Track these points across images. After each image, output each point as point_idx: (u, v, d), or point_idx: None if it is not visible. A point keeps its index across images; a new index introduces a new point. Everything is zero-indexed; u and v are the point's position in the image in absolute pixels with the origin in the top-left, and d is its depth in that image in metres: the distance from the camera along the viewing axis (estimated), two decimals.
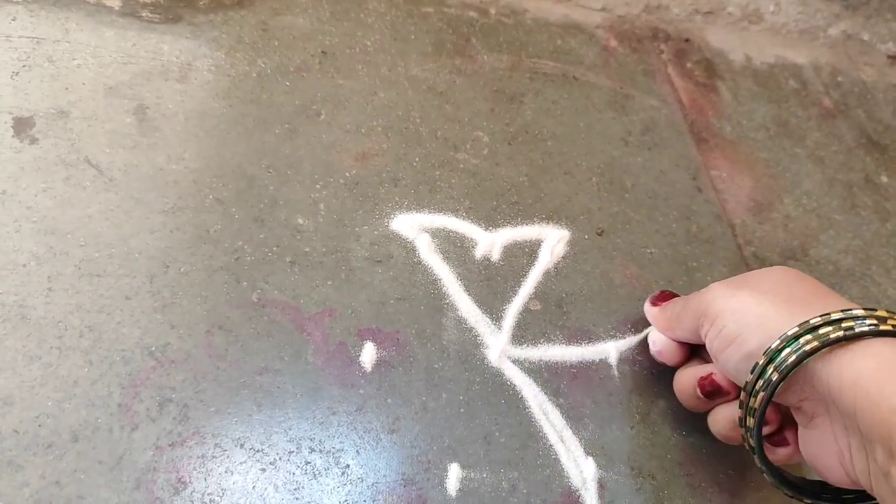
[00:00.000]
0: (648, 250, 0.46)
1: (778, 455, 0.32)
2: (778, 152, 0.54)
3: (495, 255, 0.43)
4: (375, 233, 0.41)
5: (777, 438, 0.31)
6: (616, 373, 0.41)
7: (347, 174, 0.43)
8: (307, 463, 0.35)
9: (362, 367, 0.38)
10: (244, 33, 0.45)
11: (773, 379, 0.25)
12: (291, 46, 0.46)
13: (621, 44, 0.54)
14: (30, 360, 0.34)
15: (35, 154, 0.38)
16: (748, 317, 0.28)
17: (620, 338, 0.43)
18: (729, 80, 0.56)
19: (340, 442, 0.36)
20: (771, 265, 0.48)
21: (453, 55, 0.49)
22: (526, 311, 0.42)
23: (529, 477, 0.37)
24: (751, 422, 0.28)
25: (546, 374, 0.40)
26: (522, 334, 0.41)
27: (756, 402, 0.27)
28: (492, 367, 0.39)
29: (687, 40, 0.57)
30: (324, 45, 0.47)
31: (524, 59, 0.51)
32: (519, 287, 0.42)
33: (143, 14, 0.44)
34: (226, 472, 0.34)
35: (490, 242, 0.43)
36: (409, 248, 0.42)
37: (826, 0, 0.60)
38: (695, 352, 0.38)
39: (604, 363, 0.41)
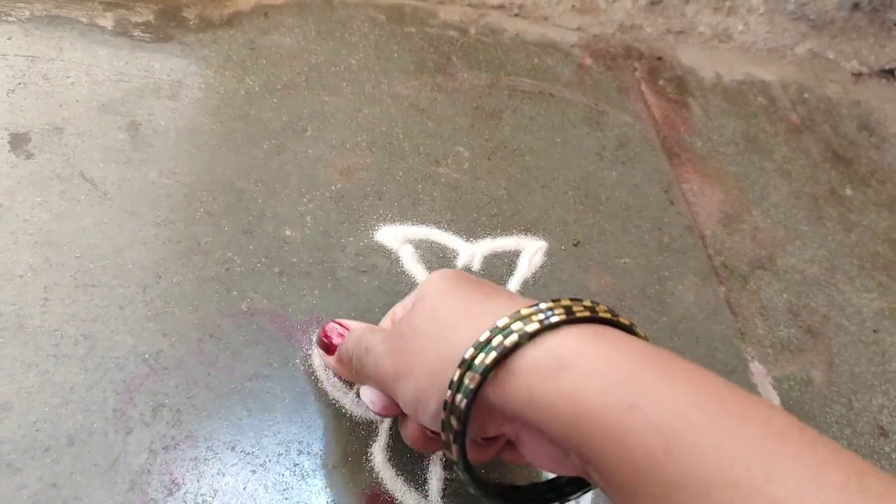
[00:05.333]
0: (622, 260, 0.49)
1: (518, 458, 0.29)
2: (747, 166, 0.57)
3: (476, 266, 0.46)
4: (360, 244, 0.44)
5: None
6: None
7: (333, 188, 0.45)
8: (296, 465, 0.37)
9: None
10: (233, 52, 0.48)
11: (456, 427, 0.23)
12: (279, 65, 0.49)
13: (596, 62, 0.58)
14: (27, 367, 0.36)
15: (31, 169, 0.40)
16: (421, 372, 0.25)
17: None
18: (700, 97, 0.60)
19: (327, 445, 0.38)
20: (740, 275, 0.51)
21: (435, 73, 0.52)
22: None
23: (510, 477, 0.40)
24: (455, 450, 0.25)
25: None
26: None
27: (454, 454, 0.25)
28: None
29: (659, 58, 0.61)
30: (310, 63, 0.50)
31: (503, 76, 0.54)
32: None
33: (135, 33, 0.47)
34: (217, 473, 0.35)
35: (471, 253, 0.45)
36: (392, 259, 0.44)
37: (793, 20, 0.65)
38: None
39: None
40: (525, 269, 0.46)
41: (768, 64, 0.65)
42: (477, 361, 0.23)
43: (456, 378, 0.23)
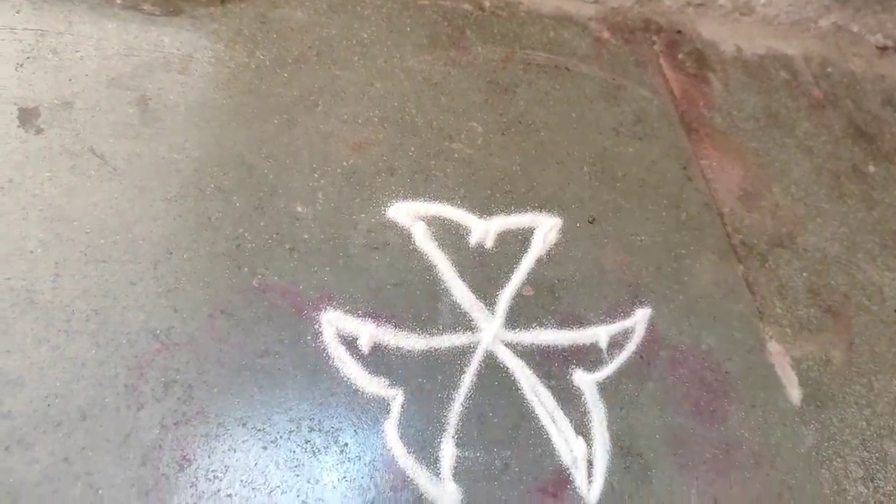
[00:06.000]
0: (638, 238, 0.47)
1: None
2: (767, 142, 0.56)
3: (489, 243, 0.45)
4: (372, 220, 0.43)
5: None
6: (606, 356, 0.43)
7: (345, 163, 0.44)
8: (307, 441, 0.36)
9: (360, 350, 0.40)
10: (243, 25, 0.47)
11: None
12: (289, 38, 0.47)
13: (614, 35, 0.56)
14: (38, 342, 0.35)
15: (40, 144, 0.40)
16: None
17: (610, 322, 0.44)
18: (720, 71, 0.58)
19: (339, 422, 0.37)
20: (759, 253, 0.50)
21: (448, 47, 0.51)
22: (519, 297, 0.44)
23: (521, 455, 0.39)
24: None
25: (538, 357, 0.42)
26: (515, 319, 0.43)
27: None
28: (486, 350, 0.41)
29: (679, 32, 0.59)
30: (321, 37, 0.48)
31: (518, 50, 0.52)
32: (512, 273, 0.44)
33: (145, 7, 0.46)
34: (229, 450, 0.35)
35: (484, 230, 0.44)
36: (405, 236, 0.43)
37: None
38: None
39: (594, 347, 0.43)
40: (539, 246, 0.45)
41: (791, 37, 0.62)
42: None
43: None
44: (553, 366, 0.42)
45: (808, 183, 0.54)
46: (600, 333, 0.44)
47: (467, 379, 0.40)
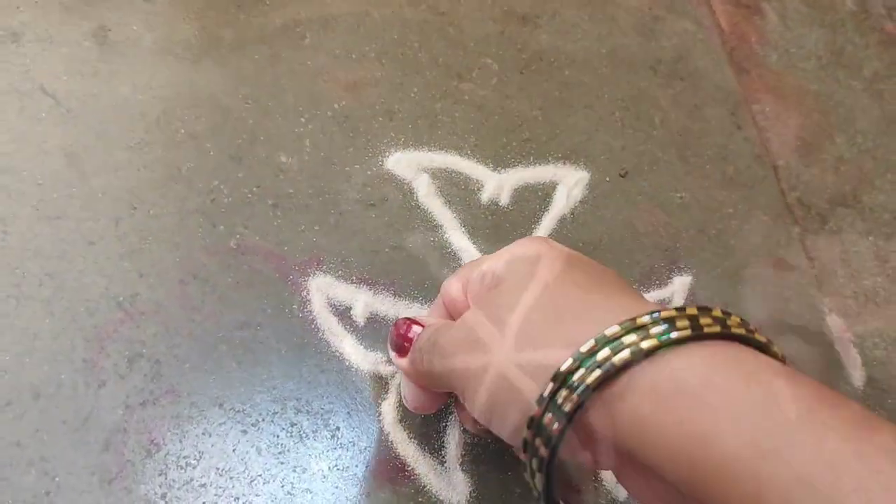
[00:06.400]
0: (678, 195, 0.43)
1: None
2: (831, 84, 0.51)
3: (504, 199, 0.41)
4: (368, 173, 0.40)
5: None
6: None
7: (336, 106, 0.40)
8: (293, 425, 0.34)
9: (354, 321, 0.36)
10: None
11: (543, 454, 0.20)
12: None
13: None
14: None
15: None
16: (494, 385, 0.21)
17: (644, 292, 0.40)
18: (775, 1, 0.52)
19: (330, 402, 0.34)
20: (818, 213, 0.44)
21: None
22: None
23: None
24: (538, 481, 0.21)
25: None
26: None
27: (537, 485, 0.21)
28: None
29: None
30: None
31: None
32: (530, 234, 0.40)
33: None
34: (203, 433, 0.33)
35: (498, 184, 0.41)
36: (405, 191, 0.40)
37: None
38: None
39: None
40: (562, 204, 0.42)
41: None
42: (576, 377, 0.19)
43: (547, 393, 0.19)
44: None
45: (877, 133, 0.49)
46: None
47: None
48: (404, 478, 0.33)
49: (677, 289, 0.40)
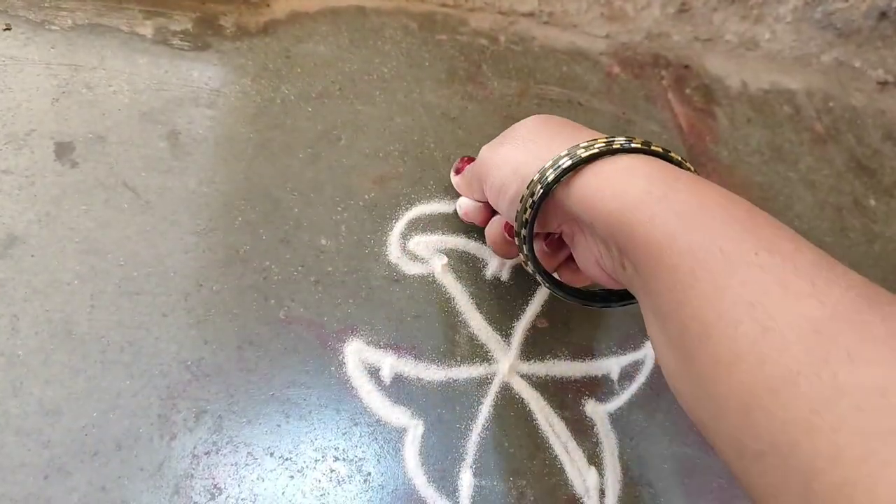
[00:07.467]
0: None
1: (575, 279, 0.36)
2: (772, 176, 0.57)
3: (505, 276, 0.46)
4: (394, 253, 0.44)
5: (556, 262, 0.37)
6: (617, 387, 0.44)
7: (366, 196, 0.45)
8: (332, 471, 0.37)
9: (382, 381, 0.41)
10: (269, 60, 0.48)
11: (536, 198, 0.29)
12: (313, 73, 0.49)
13: (624, 70, 0.57)
14: (75, 373, 0.36)
15: (76, 177, 0.41)
16: (508, 167, 0.32)
17: (622, 354, 0.46)
18: (726, 106, 0.59)
19: (363, 451, 0.38)
20: None
21: (465, 82, 0.52)
22: (533, 329, 0.45)
23: (536, 485, 0.40)
24: (524, 233, 0.31)
25: (552, 388, 0.43)
26: (530, 350, 0.44)
27: (525, 230, 0.31)
28: (502, 381, 0.42)
29: (686, 66, 0.60)
30: (343, 72, 0.50)
31: (532, 85, 0.54)
32: (527, 305, 0.45)
33: (174, 42, 0.47)
34: (258, 478, 0.36)
35: (500, 263, 0.46)
36: (424, 269, 0.44)
37: (820, 28, 0.63)
38: None
39: (606, 378, 0.44)
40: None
41: (794, 72, 0.64)
42: (549, 172, 0.29)
43: (536, 177, 0.29)
44: (566, 397, 0.43)
45: (811, 217, 0.55)
46: (612, 365, 0.45)
47: (485, 409, 0.41)
48: None
49: (649, 351, 0.47)
